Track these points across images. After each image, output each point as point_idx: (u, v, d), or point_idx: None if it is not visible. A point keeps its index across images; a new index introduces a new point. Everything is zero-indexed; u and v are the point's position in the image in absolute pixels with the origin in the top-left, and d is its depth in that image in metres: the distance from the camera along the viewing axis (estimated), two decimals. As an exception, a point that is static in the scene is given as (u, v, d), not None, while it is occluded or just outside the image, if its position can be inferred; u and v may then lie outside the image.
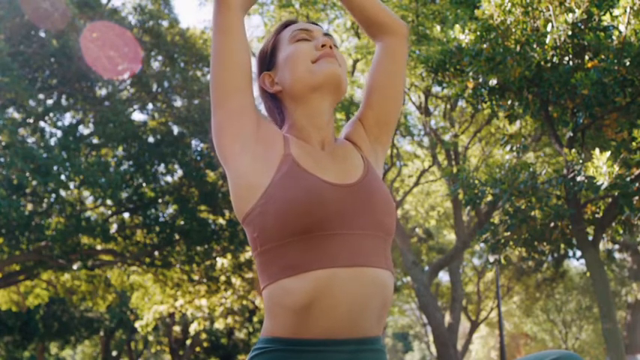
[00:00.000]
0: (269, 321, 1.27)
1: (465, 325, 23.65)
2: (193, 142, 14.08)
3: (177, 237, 13.77)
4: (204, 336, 23.86)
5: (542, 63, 7.00)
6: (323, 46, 1.39)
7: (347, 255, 1.23)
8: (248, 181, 1.31)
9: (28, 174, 10.92)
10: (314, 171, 1.31)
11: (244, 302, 18.61)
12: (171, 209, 14.36)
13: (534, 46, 6.93)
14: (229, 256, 14.91)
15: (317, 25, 1.48)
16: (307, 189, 1.26)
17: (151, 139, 13.98)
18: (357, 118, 1.53)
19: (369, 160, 1.44)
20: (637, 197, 6.85)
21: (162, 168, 14.03)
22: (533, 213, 7.48)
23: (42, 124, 13.37)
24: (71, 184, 12.36)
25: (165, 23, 14.38)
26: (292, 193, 1.25)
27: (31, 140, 12.92)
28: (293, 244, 1.23)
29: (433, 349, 25.23)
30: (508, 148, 8.67)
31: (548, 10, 6.90)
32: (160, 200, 13.95)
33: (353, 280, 1.22)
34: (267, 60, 1.47)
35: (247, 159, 1.32)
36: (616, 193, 6.78)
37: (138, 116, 43.10)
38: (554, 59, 6.96)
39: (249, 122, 1.35)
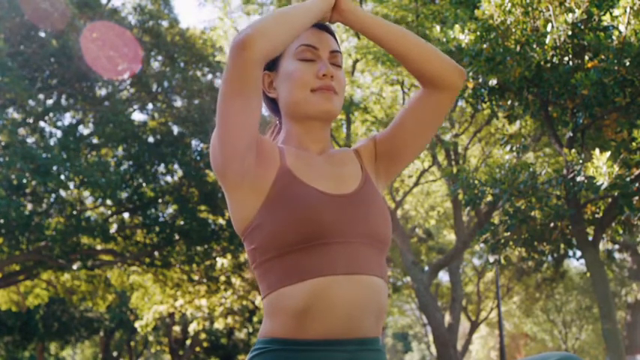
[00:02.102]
0: (268, 322, 1.28)
1: (464, 325, 23.64)
2: (193, 142, 14.08)
3: (177, 237, 13.77)
4: (204, 336, 23.85)
5: (542, 63, 7.00)
6: (324, 75, 1.37)
7: (343, 263, 1.25)
8: (247, 200, 1.31)
9: (27, 174, 10.92)
10: (310, 181, 1.32)
11: (244, 302, 18.61)
12: (171, 209, 14.36)
13: (534, 46, 6.93)
14: (229, 256, 14.91)
15: (327, 29, 1.44)
16: (303, 201, 1.27)
17: (150, 139, 13.98)
18: (373, 139, 1.50)
19: (369, 173, 1.44)
20: (637, 197, 6.85)
21: (162, 168, 14.02)
22: (533, 213, 7.48)
23: (42, 124, 13.38)
24: (71, 184, 12.36)
25: (165, 23, 14.38)
26: (289, 205, 1.27)
27: (30, 140, 12.92)
28: (291, 255, 1.25)
29: (433, 349, 25.23)
30: (508, 148, 8.66)
31: (548, 11, 6.90)
32: (159, 200, 13.95)
33: (350, 286, 1.24)
34: (270, 59, 1.45)
35: (247, 184, 1.32)
36: (616, 194, 6.78)
37: (138, 116, 43.12)
38: (554, 59, 6.96)
39: (253, 156, 1.33)
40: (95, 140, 13.67)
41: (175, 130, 14.15)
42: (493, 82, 7.23)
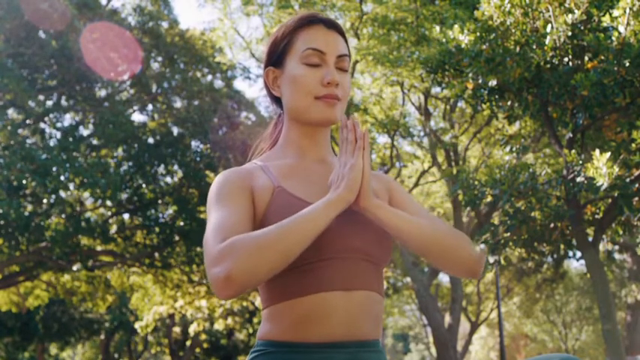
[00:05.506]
0: (267, 324, 1.28)
1: (464, 325, 23.64)
2: (193, 143, 14.09)
3: (177, 238, 13.77)
4: (204, 337, 23.85)
5: (542, 64, 7.00)
6: (329, 83, 1.34)
7: (341, 279, 1.25)
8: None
9: (27, 175, 10.93)
10: (307, 196, 1.30)
11: (244, 303, 18.61)
12: (171, 210, 14.36)
13: (534, 47, 6.93)
14: (229, 256, 14.88)
15: (337, 28, 1.41)
16: None
17: (150, 140, 13.98)
18: (389, 190, 1.45)
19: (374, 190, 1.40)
20: (637, 198, 6.85)
21: (161, 169, 14.03)
22: (533, 214, 7.47)
23: (42, 125, 13.38)
24: (71, 185, 12.36)
25: (164, 24, 14.38)
26: None
27: (30, 141, 12.92)
28: (290, 271, 1.24)
29: (433, 350, 25.22)
30: (508, 148, 8.67)
31: (548, 11, 6.90)
32: (159, 201, 13.96)
33: (348, 298, 1.24)
34: (276, 56, 1.41)
35: None
36: (616, 194, 6.78)
37: (138, 117, 43.04)
38: (554, 60, 6.96)
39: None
40: (95, 141, 13.67)
41: (175, 131, 14.16)
42: (493, 82, 7.23)
